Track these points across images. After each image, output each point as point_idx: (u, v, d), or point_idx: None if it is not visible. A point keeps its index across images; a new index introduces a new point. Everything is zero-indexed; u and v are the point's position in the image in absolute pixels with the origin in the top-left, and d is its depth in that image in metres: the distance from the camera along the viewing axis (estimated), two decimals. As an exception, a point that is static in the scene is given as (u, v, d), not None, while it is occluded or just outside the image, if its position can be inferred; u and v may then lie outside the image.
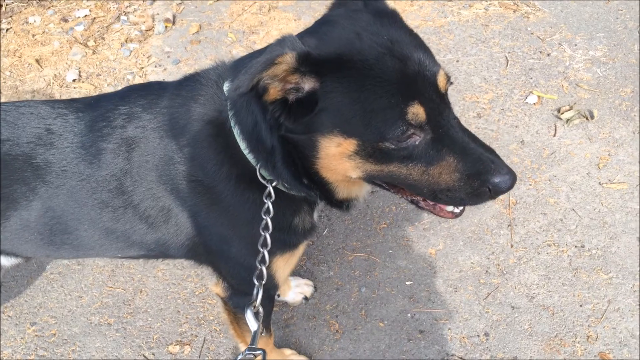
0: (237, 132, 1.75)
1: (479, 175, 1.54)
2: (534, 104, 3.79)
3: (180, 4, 4.73)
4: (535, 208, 3.27)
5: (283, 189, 1.82)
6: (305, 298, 2.95)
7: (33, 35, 4.56)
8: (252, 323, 1.78)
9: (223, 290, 2.25)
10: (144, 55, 4.35)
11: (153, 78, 4.17)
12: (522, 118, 3.72)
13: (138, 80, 4.18)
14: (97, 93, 4.06)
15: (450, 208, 1.73)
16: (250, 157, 1.75)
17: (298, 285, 2.96)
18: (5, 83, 4.21)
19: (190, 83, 1.95)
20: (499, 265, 3.05)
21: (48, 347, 2.86)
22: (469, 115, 3.74)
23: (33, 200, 1.97)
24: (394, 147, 1.53)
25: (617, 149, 3.49)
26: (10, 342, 2.88)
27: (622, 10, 4.39)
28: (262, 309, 1.82)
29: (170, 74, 4.18)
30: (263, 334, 2.35)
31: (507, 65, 4.05)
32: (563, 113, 3.69)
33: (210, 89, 1.88)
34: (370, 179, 1.68)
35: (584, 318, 2.84)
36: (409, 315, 2.89)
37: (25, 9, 4.78)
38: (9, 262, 2.30)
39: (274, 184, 1.78)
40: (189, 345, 2.84)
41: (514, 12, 4.44)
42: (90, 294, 3.04)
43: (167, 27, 4.54)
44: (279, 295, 2.93)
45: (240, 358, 1.67)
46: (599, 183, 3.34)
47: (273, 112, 1.56)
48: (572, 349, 2.74)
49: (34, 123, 1.98)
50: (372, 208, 3.31)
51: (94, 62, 4.33)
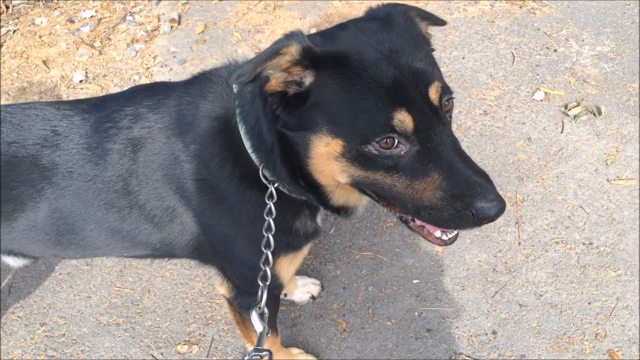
0: (242, 130, 1.77)
1: (463, 197, 1.47)
2: (541, 101, 3.77)
3: (186, 4, 4.73)
4: (543, 205, 3.25)
5: (285, 191, 1.83)
6: (313, 297, 2.96)
7: (40, 37, 4.58)
8: (257, 324, 1.78)
9: (228, 291, 2.26)
10: (150, 56, 4.36)
11: (159, 78, 4.18)
12: (529, 115, 3.70)
13: (144, 81, 4.19)
14: (103, 94, 4.07)
15: (439, 234, 1.67)
16: (254, 156, 1.76)
17: (305, 285, 2.96)
18: (13, 85, 4.23)
19: (200, 81, 1.97)
20: (507, 263, 3.04)
21: (57, 347, 2.88)
22: (475, 113, 3.72)
23: (40, 202, 1.98)
24: (377, 153, 1.51)
25: (625, 145, 3.47)
26: (21, 342, 2.90)
27: (629, 5, 4.36)
28: (267, 310, 1.83)
29: (176, 74, 4.19)
30: (269, 335, 2.36)
31: (513, 62, 4.03)
32: (570, 109, 3.67)
33: (220, 87, 1.90)
34: (358, 186, 1.65)
35: (593, 316, 2.82)
36: (416, 314, 2.89)
37: (32, 11, 4.80)
38: (18, 262, 2.31)
39: (276, 185, 1.79)
40: (197, 345, 2.85)
41: (520, 8, 4.41)
42: (99, 294, 3.06)
43: (172, 27, 4.55)
44: (286, 295, 2.94)
45: (247, 359, 1.67)
46: (607, 179, 3.32)
47: (272, 103, 1.59)
48: (580, 347, 2.73)
49: (40, 125, 1.99)
50: (378, 207, 3.31)
51: (101, 62, 4.35)
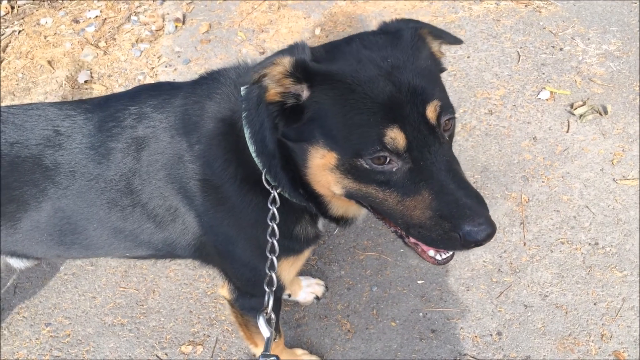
0: (247, 133, 1.77)
1: (451, 219, 1.46)
2: (547, 100, 3.75)
3: (190, 4, 4.73)
4: (548, 205, 3.24)
5: (286, 196, 1.83)
6: (317, 298, 2.95)
7: (45, 37, 4.59)
8: (264, 330, 1.78)
9: (229, 292, 2.27)
10: (155, 56, 4.37)
11: (164, 78, 4.18)
12: (534, 114, 3.68)
13: (149, 81, 4.19)
14: (108, 94, 4.08)
15: (432, 253, 1.66)
16: (258, 160, 1.77)
17: (309, 285, 2.96)
18: (19, 85, 4.24)
19: (208, 81, 1.97)
20: (512, 264, 3.03)
21: (62, 347, 2.89)
22: (481, 112, 3.71)
23: (43, 202, 1.99)
24: (369, 167, 1.50)
25: (631, 145, 3.45)
26: (26, 342, 2.91)
27: (635, 3, 4.32)
28: (273, 315, 1.83)
29: (181, 74, 4.20)
30: (276, 339, 2.35)
31: (519, 61, 4.01)
32: (576, 108, 3.65)
33: (228, 88, 1.90)
34: (352, 197, 1.65)
35: (598, 316, 2.81)
36: (421, 315, 2.88)
37: (37, 11, 4.81)
38: (21, 264, 2.32)
39: (278, 191, 1.79)
40: (202, 346, 2.85)
41: (526, 6, 4.39)
42: (104, 295, 3.06)
43: (177, 26, 4.55)
44: (290, 295, 2.94)
45: None
46: (613, 179, 3.30)
47: (271, 113, 1.60)
48: (586, 348, 2.72)
49: (42, 125, 2.00)
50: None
51: (105, 62, 4.35)
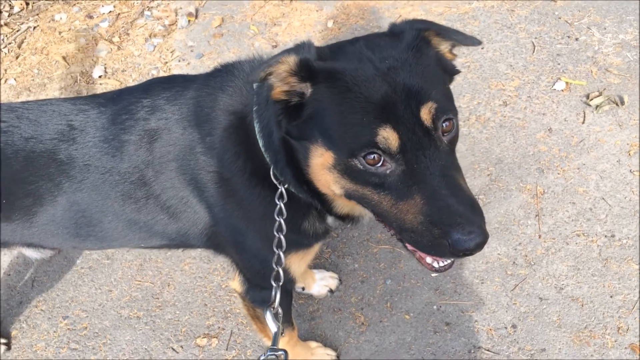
0: (257, 128, 1.78)
1: (441, 225, 1.42)
2: (562, 91, 3.70)
3: (203, -2, 4.74)
4: (564, 197, 3.21)
5: (294, 191, 1.83)
6: (331, 291, 2.96)
7: (59, 33, 4.62)
8: (271, 325, 1.79)
9: (240, 284, 2.28)
10: (168, 50, 4.38)
11: (177, 72, 4.20)
12: (549, 105, 3.64)
13: (162, 75, 4.21)
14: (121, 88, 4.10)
15: (430, 260, 1.63)
16: (266, 155, 1.78)
17: (323, 278, 2.96)
18: (34, 81, 4.29)
19: (222, 73, 1.98)
20: (527, 256, 3.01)
21: (80, 340, 2.93)
22: (495, 104, 3.68)
23: (58, 196, 2.01)
24: (363, 169, 1.49)
25: (648, 136, 3.40)
26: (44, 335, 2.95)
27: (653, -9, 4.25)
28: (281, 310, 1.83)
29: (194, 68, 4.21)
30: (283, 334, 2.36)
31: (533, 51, 3.97)
32: (592, 99, 3.61)
33: (240, 81, 1.91)
34: (351, 198, 1.64)
35: (615, 309, 2.78)
36: (435, 308, 2.88)
37: (52, 7, 4.85)
38: (38, 254, 2.37)
39: (286, 186, 1.80)
40: (216, 338, 2.87)
41: (541, -4, 4.34)
42: (120, 288, 3.09)
43: (190, 21, 4.56)
44: (304, 288, 2.95)
45: (263, 359, 1.67)
46: (630, 171, 3.26)
47: (277, 110, 1.61)
48: (602, 341, 2.70)
49: (56, 120, 2.02)
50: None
51: (119, 57, 4.38)
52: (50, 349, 2.90)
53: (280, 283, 1.81)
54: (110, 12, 4.73)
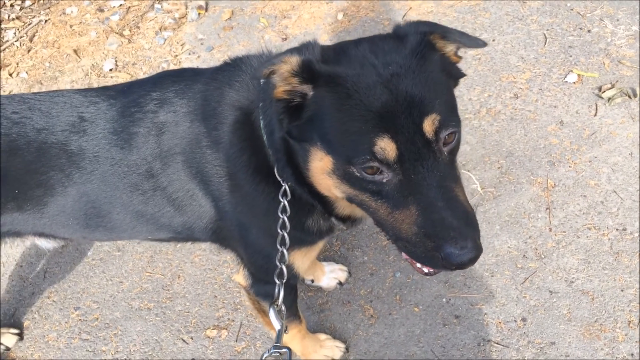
0: (262, 124, 1.78)
1: (435, 238, 1.42)
2: (574, 83, 3.67)
3: (213, -10, 4.74)
4: (575, 190, 3.19)
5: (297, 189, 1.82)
6: (340, 283, 2.97)
7: (70, 26, 4.65)
8: (275, 322, 1.77)
9: (244, 279, 2.29)
10: (178, 43, 4.39)
11: (187, 65, 4.21)
12: (561, 98, 3.61)
13: (172, 68, 4.22)
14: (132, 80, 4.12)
15: (419, 264, 1.62)
16: (270, 152, 1.78)
17: (332, 271, 2.97)
18: (46, 74, 4.31)
19: (231, 68, 1.98)
20: (537, 250, 2.99)
21: (91, 330, 2.96)
22: (506, 96, 3.65)
23: (68, 186, 2.04)
24: (360, 176, 1.48)
25: (661, 128, 3.37)
26: (55, 326, 2.99)
27: (668, -18, 4.20)
28: (284, 307, 1.82)
29: (204, 61, 4.22)
30: (287, 332, 2.36)
31: (545, 43, 3.93)
32: (604, 92, 3.57)
33: (248, 77, 1.92)
34: (352, 202, 1.63)
35: (625, 303, 2.77)
36: (445, 300, 2.88)
37: (63, 0, 4.87)
38: (49, 244, 2.40)
39: (290, 184, 1.80)
40: (226, 330, 2.89)
41: (553, -13, 4.29)
42: (131, 280, 3.12)
43: (200, 14, 4.56)
44: (313, 281, 2.95)
45: (266, 356, 1.66)
46: (642, 164, 3.24)
47: (278, 109, 1.59)
48: (612, 335, 2.68)
49: (68, 112, 2.04)
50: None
51: (130, 51, 4.39)
52: (62, 340, 2.94)
53: (284, 280, 1.81)
54: (121, 5, 4.74)
